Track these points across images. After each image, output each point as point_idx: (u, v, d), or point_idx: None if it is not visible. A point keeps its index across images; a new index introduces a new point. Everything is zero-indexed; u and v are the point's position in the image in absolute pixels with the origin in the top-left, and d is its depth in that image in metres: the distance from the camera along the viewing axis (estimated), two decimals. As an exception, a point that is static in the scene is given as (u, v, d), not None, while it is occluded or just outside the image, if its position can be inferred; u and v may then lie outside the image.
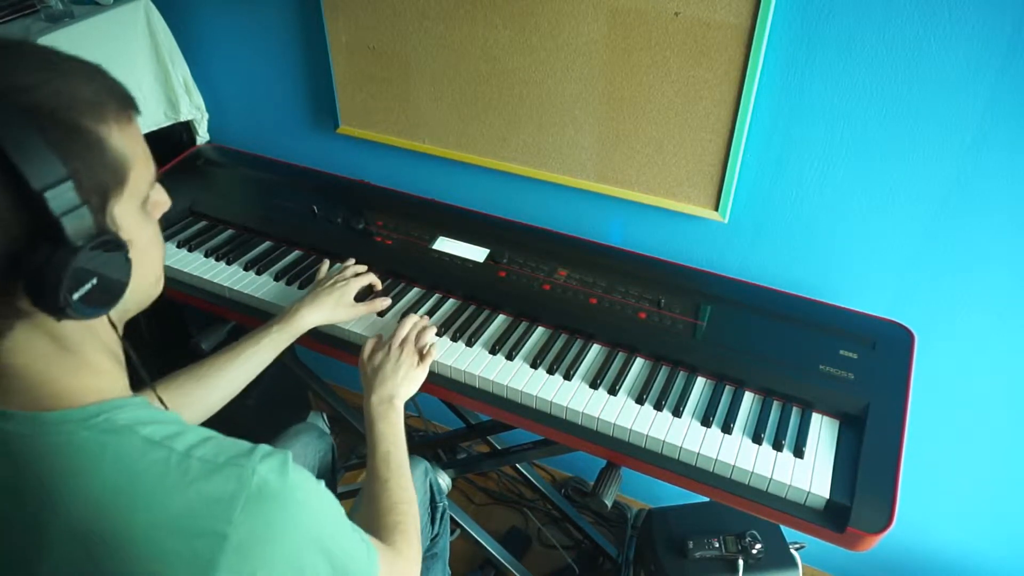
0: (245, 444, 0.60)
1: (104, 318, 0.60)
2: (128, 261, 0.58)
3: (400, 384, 0.99)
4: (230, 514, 0.55)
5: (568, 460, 1.86)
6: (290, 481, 0.58)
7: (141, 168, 0.60)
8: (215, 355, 1.01)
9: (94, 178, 0.55)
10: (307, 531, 0.59)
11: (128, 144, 0.58)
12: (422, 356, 1.04)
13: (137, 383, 0.94)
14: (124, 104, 0.58)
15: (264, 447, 0.60)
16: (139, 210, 0.61)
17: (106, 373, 0.63)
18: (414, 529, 0.85)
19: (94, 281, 0.55)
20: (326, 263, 1.24)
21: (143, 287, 0.65)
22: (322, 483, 0.64)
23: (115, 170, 0.57)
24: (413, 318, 1.09)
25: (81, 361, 0.60)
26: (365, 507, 0.88)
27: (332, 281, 1.13)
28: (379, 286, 1.20)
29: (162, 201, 0.66)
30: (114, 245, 0.56)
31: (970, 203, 1.04)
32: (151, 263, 0.66)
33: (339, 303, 1.11)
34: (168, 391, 0.95)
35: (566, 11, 1.14)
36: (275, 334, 1.04)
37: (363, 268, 1.20)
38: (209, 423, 1.86)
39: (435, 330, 1.09)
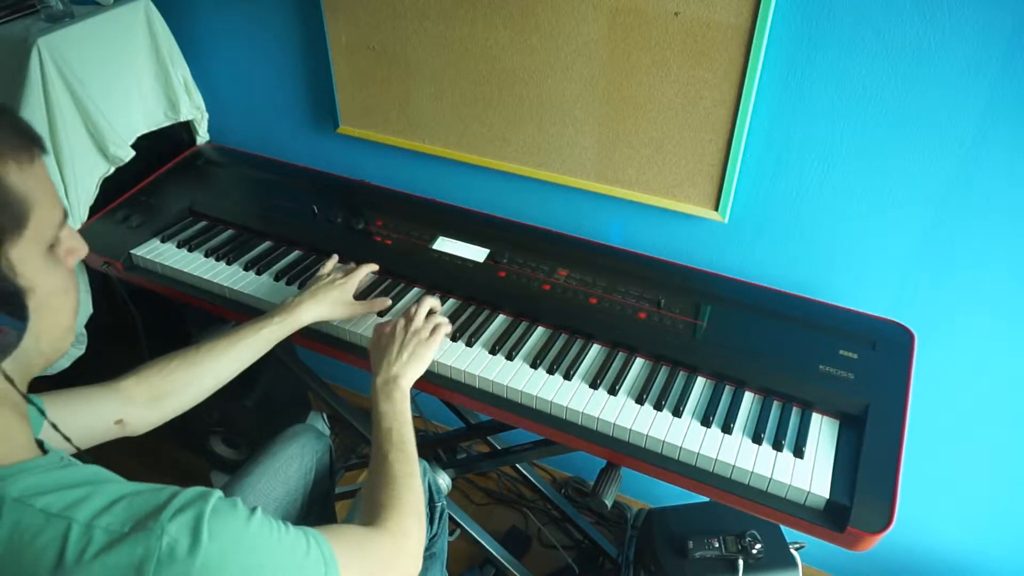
0: (161, 496, 0.56)
1: None
2: (23, 308, 0.54)
3: (406, 365, 0.99)
4: None
5: (568, 460, 1.86)
6: (205, 538, 0.54)
7: (45, 211, 0.57)
8: (212, 340, 1.00)
9: None
10: None
11: (29, 184, 0.55)
12: (432, 332, 1.03)
13: (132, 364, 0.94)
14: (26, 143, 0.56)
15: (181, 498, 0.56)
16: (44, 255, 0.58)
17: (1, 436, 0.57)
18: (409, 504, 0.83)
19: None
20: (334, 258, 1.24)
21: (48, 339, 0.60)
22: (256, 514, 0.60)
23: (12, 211, 0.54)
24: (427, 302, 1.08)
25: None
26: (367, 484, 0.88)
27: (331, 278, 1.14)
28: (375, 267, 1.22)
29: (76, 248, 0.62)
30: (6, 291, 0.53)
31: (970, 203, 1.04)
32: (58, 313, 0.61)
33: (338, 300, 1.12)
34: (161, 374, 0.94)
35: (566, 11, 1.14)
36: (276, 325, 1.05)
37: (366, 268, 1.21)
38: (209, 423, 1.85)
39: (447, 323, 1.08)
